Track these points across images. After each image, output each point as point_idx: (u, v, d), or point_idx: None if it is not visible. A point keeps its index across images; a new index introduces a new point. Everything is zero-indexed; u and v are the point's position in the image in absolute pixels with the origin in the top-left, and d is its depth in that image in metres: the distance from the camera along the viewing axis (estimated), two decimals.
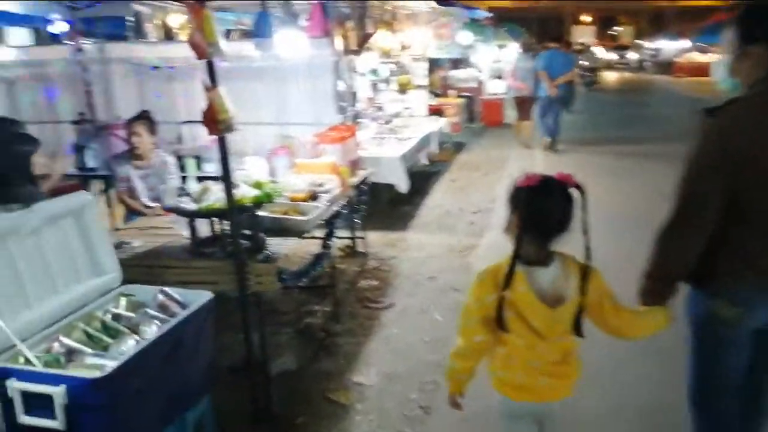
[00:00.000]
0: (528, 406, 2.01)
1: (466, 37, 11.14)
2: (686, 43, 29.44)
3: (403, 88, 9.02)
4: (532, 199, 1.88)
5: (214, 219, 3.07)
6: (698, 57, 26.79)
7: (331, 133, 4.64)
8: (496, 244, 5.68)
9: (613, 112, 16.61)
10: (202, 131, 5.97)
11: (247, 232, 3.15)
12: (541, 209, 1.87)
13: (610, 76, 30.92)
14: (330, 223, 3.94)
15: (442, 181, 8.47)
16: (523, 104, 11.33)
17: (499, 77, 19.26)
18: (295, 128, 5.47)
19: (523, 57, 11.71)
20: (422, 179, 8.25)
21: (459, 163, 9.79)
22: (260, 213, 3.26)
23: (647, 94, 21.88)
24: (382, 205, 6.60)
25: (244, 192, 3.03)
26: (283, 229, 3.38)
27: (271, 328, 4.02)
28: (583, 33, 42.98)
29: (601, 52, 39.62)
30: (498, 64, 20.42)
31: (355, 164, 4.89)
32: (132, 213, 4.55)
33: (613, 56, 39.36)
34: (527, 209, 1.88)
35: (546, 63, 10.53)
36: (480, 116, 13.83)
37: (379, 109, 9.29)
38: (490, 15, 10.22)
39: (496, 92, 16.23)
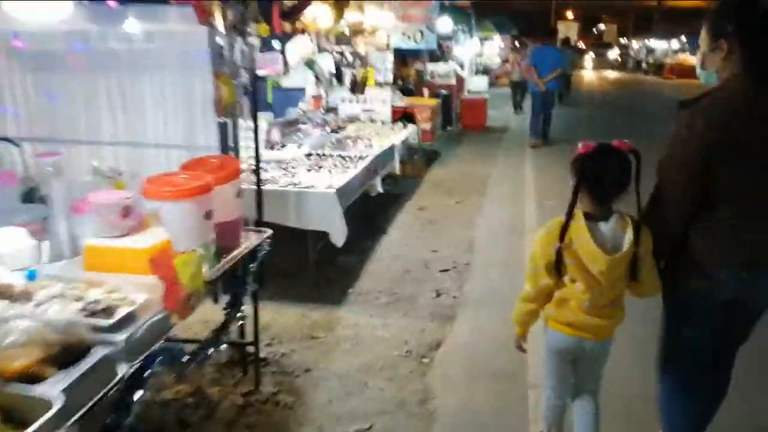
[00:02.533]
0: (573, 340, 2.20)
1: (445, 23, 8.94)
2: (675, 44, 27.57)
3: (358, 86, 6.80)
4: (588, 163, 2.05)
5: None
6: (690, 59, 24.95)
7: (176, 177, 2.41)
8: (472, 342, 3.57)
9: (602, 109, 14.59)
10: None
11: None
12: (597, 172, 2.05)
13: (588, 75, 29.01)
14: (122, 402, 1.76)
15: (405, 211, 6.30)
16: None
17: (484, 72, 17.15)
18: (155, 155, 3.27)
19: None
20: (380, 207, 6.08)
21: (430, 181, 7.61)
22: None
23: (636, 95, 19.96)
24: (305, 259, 4.40)
25: None
26: None
27: None
28: (568, 29, 41.02)
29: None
30: (481, 58, 18.33)
31: (232, 233, 2.69)
32: None
33: (592, 54, 38.41)
34: (585, 172, 2.05)
35: (536, 59, 9.96)
36: (458, 118, 11.66)
37: (329, 111, 7.08)
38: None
39: (479, 90, 14.17)
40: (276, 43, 4.73)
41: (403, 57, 13.33)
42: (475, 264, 4.81)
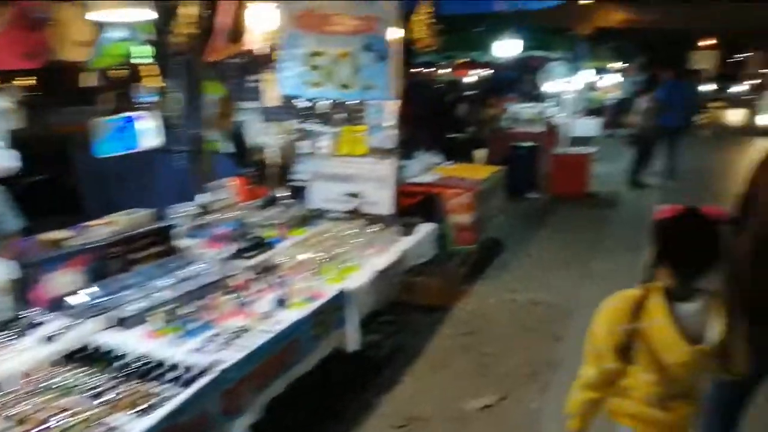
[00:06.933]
0: None
1: (511, 47, 5.51)
2: None
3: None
4: (670, 230, 1.75)
5: None
6: None
7: None
8: None
9: None
10: None
11: None
12: (679, 241, 1.71)
13: None
14: None
15: (369, 425, 2.92)
16: None
17: (597, 112, 13.04)
18: None
19: None
20: (322, 400, 2.74)
21: (460, 319, 4.14)
22: None
23: None
24: None
25: None
26: None
27: None
28: (704, 59, 34.08)
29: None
30: (594, 93, 14.22)
31: None
32: None
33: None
34: (665, 240, 1.73)
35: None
36: (547, 182, 7.91)
37: (271, 202, 3.95)
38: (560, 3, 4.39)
39: (587, 135, 10.33)
40: None
41: (484, 92, 9.93)
42: None
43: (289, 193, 4.06)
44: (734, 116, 19.81)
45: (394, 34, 3.01)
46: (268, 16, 2.80)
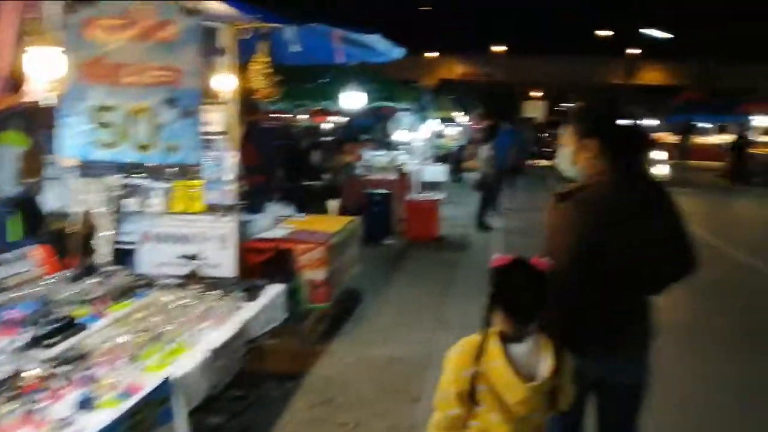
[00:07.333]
0: None
1: (354, 99, 5.50)
2: (654, 122, 24.84)
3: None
4: (500, 277, 1.88)
5: None
6: (671, 137, 22.28)
7: None
8: None
9: None
10: None
11: None
12: (507, 288, 1.87)
13: None
14: None
15: None
16: None
17: (443, 160, 13.71)
18: None
19: None
20: None
21: (315, 387, 3.81)
22: None
23: None
24: None
25: None
26: None
27: None
28: (534, 108, 38.15)
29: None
30: (441, 140, 15.01)
31: None
32: None
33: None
34: (498, 287, 1.87)
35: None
36: (402, 227, 7.96)
37: (90, 272, 3.35)
38: (401, 53, 4.51)
39: (436, 180, 10.71)
40: None
41: (340, 139, 9.89)
42: None
43: (111, 259, 3.51)
44: None
45: (226, 83, 2.71)
46: (54, 62, 2.33)
